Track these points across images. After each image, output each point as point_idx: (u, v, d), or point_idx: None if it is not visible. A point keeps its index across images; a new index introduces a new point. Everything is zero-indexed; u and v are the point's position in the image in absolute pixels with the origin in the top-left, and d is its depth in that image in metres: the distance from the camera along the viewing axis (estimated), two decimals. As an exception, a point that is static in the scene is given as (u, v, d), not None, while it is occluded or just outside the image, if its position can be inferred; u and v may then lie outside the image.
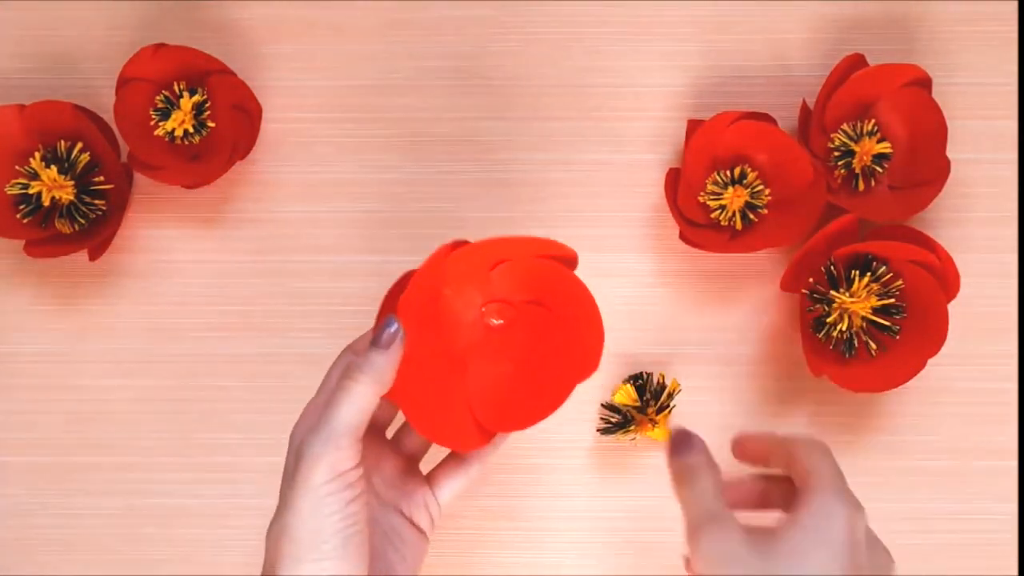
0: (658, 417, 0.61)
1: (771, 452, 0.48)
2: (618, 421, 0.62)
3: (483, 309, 0.51)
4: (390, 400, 0.48)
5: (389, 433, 0.54)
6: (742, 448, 0.48)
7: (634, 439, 0.62)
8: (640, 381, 0.62)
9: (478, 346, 0.51)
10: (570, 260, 0.50)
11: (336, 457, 0.45)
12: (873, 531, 0.46)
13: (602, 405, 0.63)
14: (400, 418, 0.54)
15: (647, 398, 0.62)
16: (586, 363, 0.49)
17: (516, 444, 0.63)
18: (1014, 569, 0.63)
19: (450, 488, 0.52)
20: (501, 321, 0.51)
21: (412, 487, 0.52)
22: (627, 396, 0.62)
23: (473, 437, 0.50)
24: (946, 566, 0.63)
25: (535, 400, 0.49)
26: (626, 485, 0.63)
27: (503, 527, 0.63)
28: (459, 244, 0.48)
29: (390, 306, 0.49)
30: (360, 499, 0.46)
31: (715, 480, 0.45)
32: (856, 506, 0.45)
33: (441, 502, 0.52)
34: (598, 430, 0.62)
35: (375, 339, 0.47)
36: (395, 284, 0.50)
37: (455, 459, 0.53)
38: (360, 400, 0.46)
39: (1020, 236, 0.65)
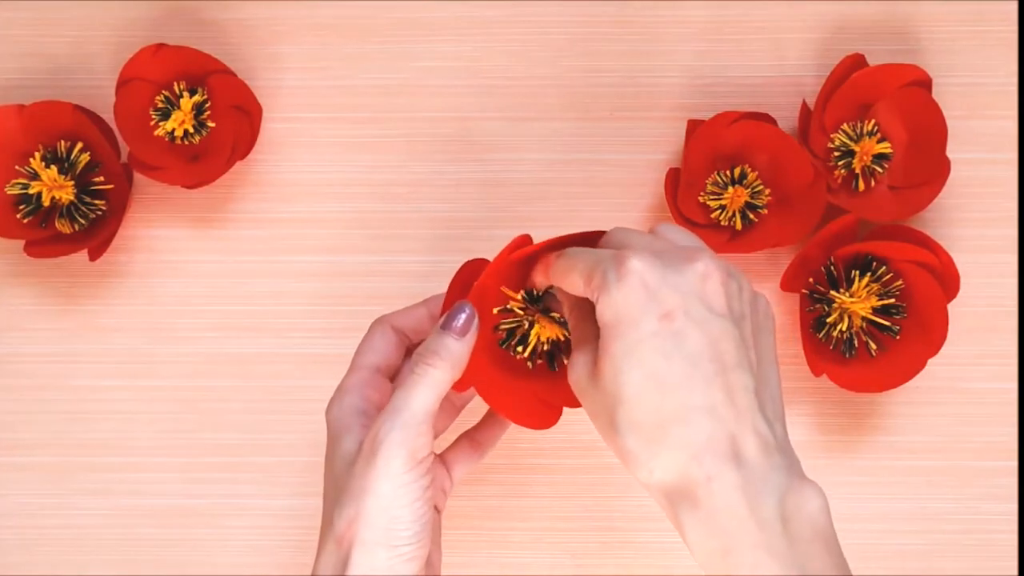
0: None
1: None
2: (513, 325, 0.51)
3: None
4: (462, 389, 0.49)
5: None
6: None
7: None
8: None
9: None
10: None
11: (416, 444, 0.45)
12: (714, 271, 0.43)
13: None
14: None
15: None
16: None
17: (516, 444, 0.63)
18: (1014, 569, 0.63)
19: (464, 468, 0.53)
20: None
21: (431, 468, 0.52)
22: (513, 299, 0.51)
23: (544, 415, 0.50)
24: (946, 566, 0.63)
25: None
26: (626, 485, 0.63)
27: (503, 527, 0.64)
28: (526, 240, 0.49)
29: (456, 293, 0.50)
30: (434, 484, 0.47)
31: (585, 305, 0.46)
32: (619, 265, 0.43)
33: (454, 481, 0.53)
34: (500, 343, 0.51)
35: (449, 324, 0.47)
36: (461, 270, 0.51)
37: (468, 441, 0.53)
38: (437, 386, 0.46)
39: (1020, 236, 0.65)
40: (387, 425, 0.46)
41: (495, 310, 0.50)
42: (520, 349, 0.50)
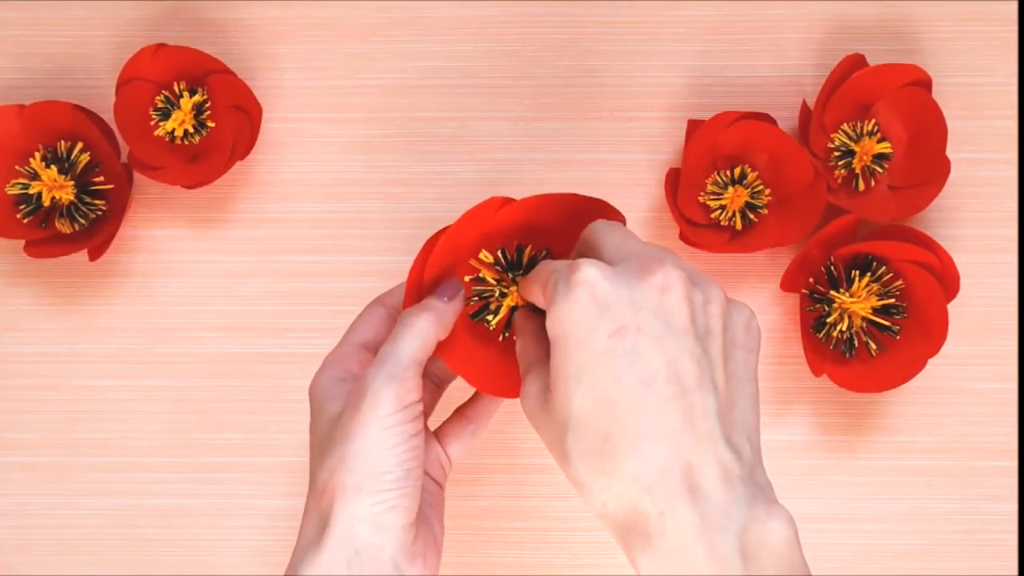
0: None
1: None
2: (485, 293, 0.50)
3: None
4: (446, 366, 0.49)
5: None
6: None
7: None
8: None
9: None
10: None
11: (402, 388, 0.44)
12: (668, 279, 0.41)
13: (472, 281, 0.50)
14: None
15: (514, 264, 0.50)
16: None
17: (516, 444, 0.63)
18: (1014, 569, 0.63)
19: (459, 445, 0.52)
20: None
21: (425, 442, 0.52)
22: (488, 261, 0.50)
23: (517, 382, 0.49)
24: (946, 566, 0.63)
25: None
26: (626, 485, 0.63)
27: (503, 527, 0.64)
28: (507, 201, 0.48)
29: (423, 260, 0.49)
30: (421, 435, 0.45)
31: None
32: (563, 283, 0.41)
33: (452, 458, 0.52)
34: (470, 315, 0.50)
35: (438, 292, 0.47)
36: (429, 240, 0.50)
37: (461, 417, 0.53)
38: (423, 335, 0.46)
39: (1020, 236, 0.65)
40: (373, 372, 0.45)
41: (467, 278, 0.50)
42: (490, 319, 0.50)
